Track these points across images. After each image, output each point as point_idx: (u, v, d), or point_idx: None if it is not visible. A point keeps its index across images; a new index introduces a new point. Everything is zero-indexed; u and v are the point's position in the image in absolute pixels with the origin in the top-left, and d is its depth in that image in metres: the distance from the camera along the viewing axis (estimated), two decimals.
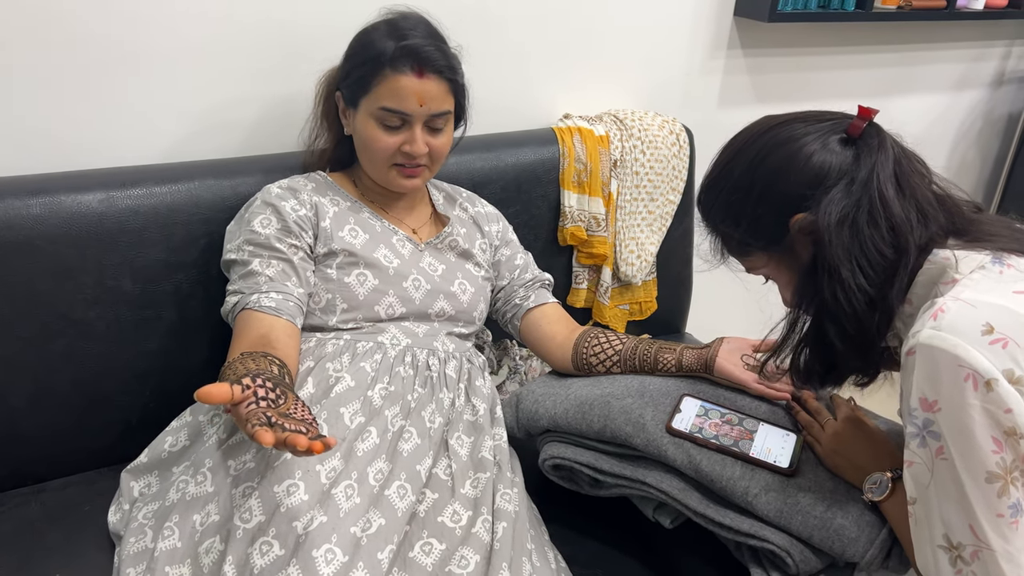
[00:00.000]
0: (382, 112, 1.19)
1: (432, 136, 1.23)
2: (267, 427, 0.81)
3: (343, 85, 1.25)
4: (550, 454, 1.22)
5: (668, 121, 1.75)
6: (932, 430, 0.84)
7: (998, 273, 0.88)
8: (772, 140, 0.97)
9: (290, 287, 1.17)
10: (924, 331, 0.83)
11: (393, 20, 1.22)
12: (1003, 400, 0.79)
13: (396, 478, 1.06)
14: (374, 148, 1.22)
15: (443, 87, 1.20)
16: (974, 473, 0.82)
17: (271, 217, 1.21)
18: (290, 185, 1.26)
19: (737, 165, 1.00)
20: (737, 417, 1.17)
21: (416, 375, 1.19)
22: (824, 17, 1.94)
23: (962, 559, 0.85)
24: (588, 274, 1.73)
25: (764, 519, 1.06)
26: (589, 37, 1.74)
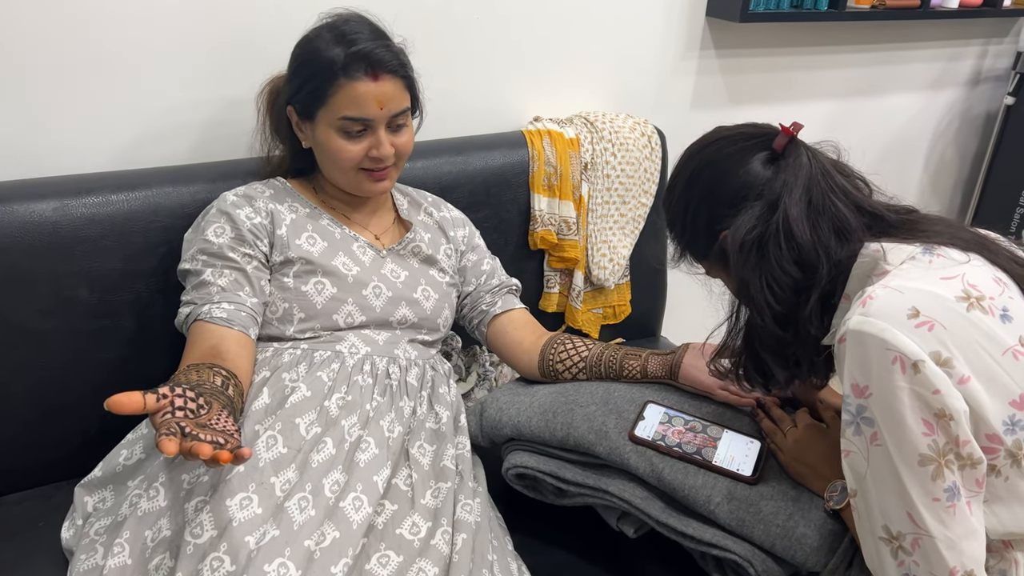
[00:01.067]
0: (343, 121, 1.17)
1: (395, 135, 1.22)
2: (173, 436, 0.79)
3: (295, 100, 1.22)
4: (513, 463, 1.20)
5: (639, 123, 1.74)
6: (865, 416, 0.85)
7: (927, 262, 0.90)
8: (703, 160, 1.02)
9: (243, 297, 1.15)
10: (853, 318, 0.85)
11: (334, 24, 1.20)
12: (931, 382, 0.81)
13: (352, 489, 1.04)
14: (341, 158, 1.20)
15: (398, 85, 1.19)
16: (907, 457, 0.82)
17: (225, 226, 1.18)
18: (246, 192, 1.24)
19: (679, 182, 1.05)
20: (701, 424, 1.15)
21: (375, 384, 1.17)
22: (796, 17, 1.93)
23: (903, 549, 0.85)
24: (560, 278, 1.72)
25: (726, 528, 1.04)
26: (559, 39, 1.73)
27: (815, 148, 1.02)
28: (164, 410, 0.85)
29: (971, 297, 0.85)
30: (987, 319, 0.84)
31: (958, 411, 0.81)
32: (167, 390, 0.87)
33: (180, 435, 0.81)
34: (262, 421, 1.07)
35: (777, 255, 0.94)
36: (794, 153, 0.98)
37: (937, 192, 2.72)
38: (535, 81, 1.74)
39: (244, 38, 1.42)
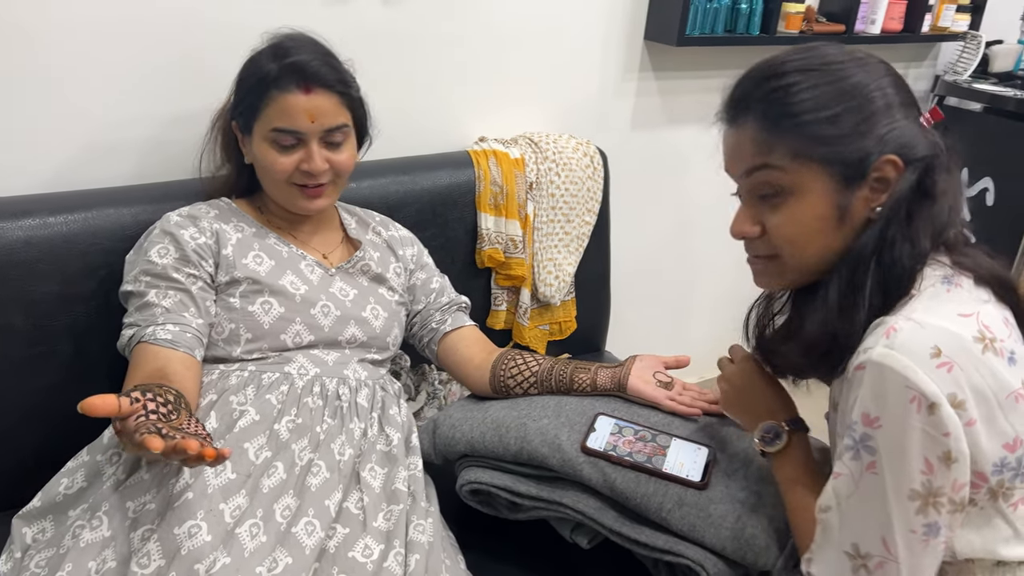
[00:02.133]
0: (274, 133, 1.17)
1: (332, 152, 1.21)
2: (156, 434, 0.79)
3: (236, 114, 1.23)
4: (468, 479, 1.20)
5: (582, 144, 1.77)
6: (868, 445, 0.84)
7: (945, 292, 0.89)
8: (889, 70, 0.93)
9: (188, 318, 1.13)
10: (877, 348, 0.83)
11: (277, 42, 1.21)
12: (944, 424, 0.81)
13: (304, 514, 1.03)
14: (272, 170, 1.19)
15: (333, 100, 1.19)
16: (900, 489, 0.83)
17: (169, 246, 1.17)
18: (190, 213, 1.23)
19: (853, 68, 0.91)
20: (650, 434, 1.18)
21: (325, 405, 1.16)
22: (730, 41, 2.00)
23: (866, 568, 0.87)
24: (507, 296, 1.73)
25: (678, 534, 1.06)
26: (503, 60, 1.76)
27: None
28: (137, 413, 0.84)
29: (986, 339, 0.85)
30: (997, 362, 0.85)
31: (964, 455, 0.82)
32: (139, 394, 0.86)
33: (159, 435, 0.79)
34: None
35: (925, 230, 0.89)
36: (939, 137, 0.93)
37: None
38: (480, 102, 1.76)
39: (188, 56, 1.40)
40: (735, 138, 0.95)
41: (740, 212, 0.98)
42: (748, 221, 0.97)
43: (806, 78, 0.90)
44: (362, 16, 1.54)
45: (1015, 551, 0.89)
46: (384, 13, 1.56)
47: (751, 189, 0.95)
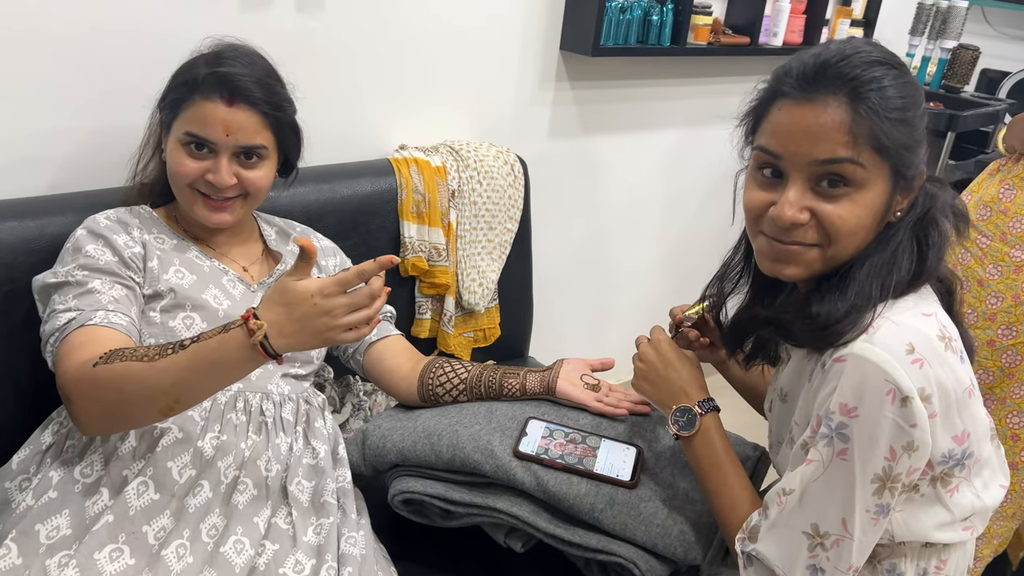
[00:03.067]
0: (186, 136, 1.14)
1: (245, 169, 1.17)
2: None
3: (161, 107, 1.19)
4: (400, 489, 1.20)
5: (503, 152, 1.79)
6: (843, 432, 0.88)
7: (912, 292, 0.94)
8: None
9: (133, 314, 1.08)
10: (858, 343, 0.88)
11: (219, 49, 1.18)
12: (913, 415, 0.86)
13: (232, 533, 1.00)
14: (176, 172, 1.15)
15: (256, 120, 1.15)
16: (866, 474, 0.88)
17: (104, 248, 1.12)
18: (119, 218, 1.18)
19: (908, 78, 0.91)
20: (580, 436, 1.20)
21: (249, 421, 1.13)
22: (643, 52, 2.05)
23: (822, 546, 0.91)
24: (431, 304, 1.73)
25: (611, 533, 1.08)
26: (422, 68, 1.75)
27: None
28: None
29: (945, 337, 0.91)
30: (953, 359, 0.91)
31: (926, 444, 0.88)
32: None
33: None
34: (130, 466, 1.01)
35: (938, 241, 0.94)
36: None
37: None
38: (400, 109, 1.75)
39: (101, 68, 1.36)
40: (815, 117, 0.87)
41: (790, 196, 0.90)
42: (800, 208, 0.90)
43: (895, 75, 0.89)
44: (280, 24, 1.51)
45: (947, 535, 0.96)
46: (301, 21, 1.54)
47: (820, 176, 0.89)
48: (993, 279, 1.68)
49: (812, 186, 0.90)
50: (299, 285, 0.90)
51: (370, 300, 0.91)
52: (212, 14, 1.43)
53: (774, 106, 0.92)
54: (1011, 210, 1.69)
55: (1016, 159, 1.73)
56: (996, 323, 1.67)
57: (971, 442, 0.93)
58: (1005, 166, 1.76)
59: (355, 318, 0.91)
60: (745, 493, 1.03)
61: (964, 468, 0.94)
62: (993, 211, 1.72)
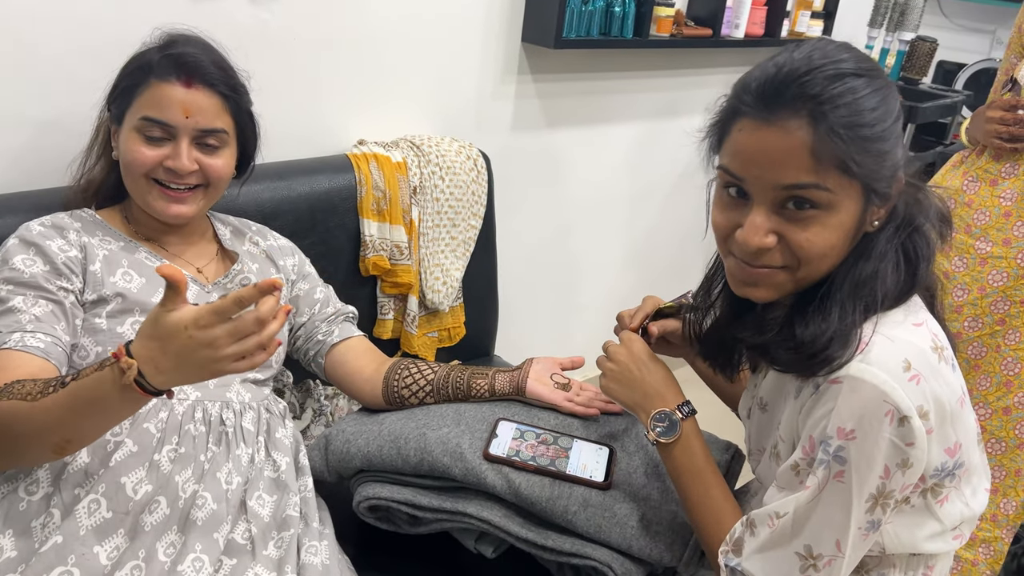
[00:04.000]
0: (143, 122, 1.08)
1: (206, 156, 1.12)
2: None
3: (111, 101, 1.14)
4: (365, 495, 1.15)
5: (465, 147, 1.75)
6: (840, 455, 0.85)
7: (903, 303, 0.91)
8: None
9: (59, 332, 1.02)
10: (854, 364, 0.84)
11: (168, 37, 1.13)
12: (911, 434, 0.83)
13: (191, 550, 0.95)
14: (132, 160, 1.09)
15: (215, 102, 1.11)
16: (862, 494, 0.85)
17: (35, 257, 1.05)
18: (54, 223, 1.11)
19: (879, 84, 0.85)
20: (552, 436, 1.17)
21: (209, 432, 1.08)
22: (605, 44, 2.03)
23: (815, 567, 0.88)
24: (394, 304, 1.68)
25: (584, 535, 1.06)
26: (380, 61, 1.71)
27: None
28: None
29: (938, 347, 0.88)
30: (946, 369, 0.88)
31: (920, 462, 0.85)
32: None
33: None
34: (82, 484, 0.95)
35: (926, 251, 0.91)
36: None
37: None
38: (358, 104, 1.70)
39: (43, 60, 1.29)
40: (776, 141, 0.82)
41: (756, 221, 0.86)
42: (766, 232, 0.86)
43: (865, 84, 0.82)
44: (231, 15, 1.45)
45: (936, 544, 0.95)
46: (253, 12, 1.49)
47: (785, 200, 0.85)
48: (959, 271, 1.69)
49: (777, 209, 0.86)
50: (171, 317, 0.80)
51: (258, 326, 0.80)
52: (162, 5, 1.36)
53: (734, 125, 0.87)
54: (975, 202, 1.70)
55: (979, 151, 1.74)
56: (963, 315, 1.68)
57: (962, 452, 0.91)
58: (968, 158, 1.77)
59: (242, 347, 0.81)
60: (728, 504, 0.99)
61: (955, 478, 0.92)
62: (957, 203, 1.73)
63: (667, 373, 1.08)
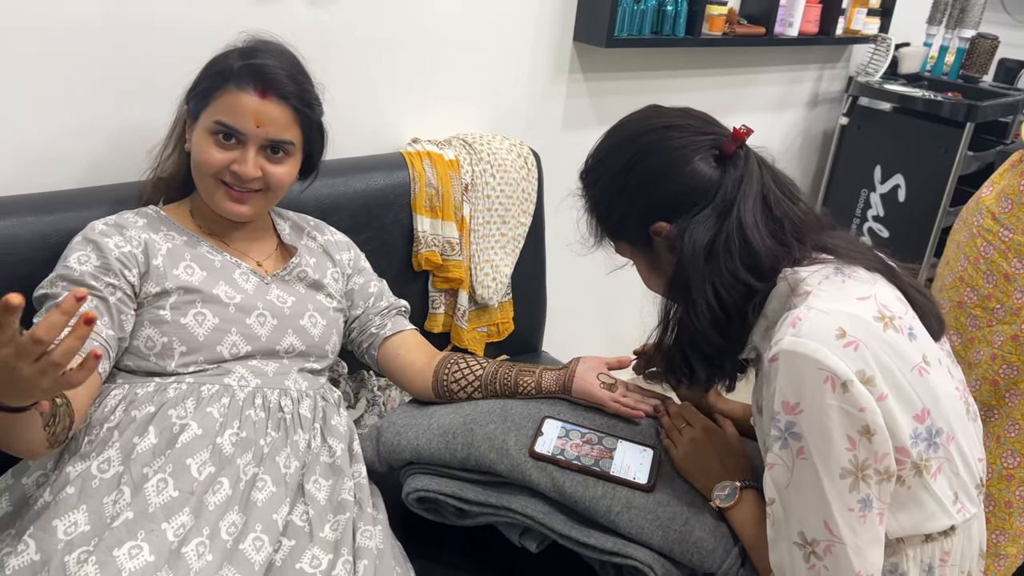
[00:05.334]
0: (216, 125, 1.14)
1: (270, 163, 1.18)
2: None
3: (189, 98, 1.20)
4: (414, 487, 1.20)
5: (516, 144, 1.78)
6: (794, 431, 0.89)
7: (840, 283, 0.95)
8: (650, 144, 1.01)
9: (100, 327, 1.08)
10: (786, 339, 0.89)
11: (252, 44, 1.19)
12: (857, 400, 0.86)
13: (251, 530, 1.00)
14: (202, 161, 1.16)
15: (287, 114, 1.16)
16: (830, 470, 0.87)
17: (91, 254, 1.12)
18: (117, 221, 1.18)
19: (614, 160, 1.03)
20: (597, 436, 1.19)
21: (268, 418, 1.13)
22: (657, 43, 2.03)
23: (815, 555, 0.90)
24: (445, 298, 1.72)
25: (627, 536, 1.08)
26: (435, 61, 1.74)
27: (759, 154, 1.03)
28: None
29: (885, 317, 0.91)
30: (898, 337, 0.91)
31: (880, 427, 0.87)
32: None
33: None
34: (150, 463, 1.01)
35: (729, 263, 0.95)
36: (743, 158, 0.99)
37: None
38: (412, 103, 1.74)
39: (117, 65, 1.35)
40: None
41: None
42: None
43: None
44: (292, 16, 1.50)
45: (941, 521, 0.95)
46: (313, 14, 1.53)
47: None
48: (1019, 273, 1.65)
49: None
50: None
51: (36, 345, 0.72)
52: (225, 7, 1.42)
53: None
54: None
55: None
56: (1021, 317, 1.65)
57: (934, 418, 0.92)
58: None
59: (39, 368, 0.74)
60: None
61: (938, 448, 0.93)
62: (1015, 204, 1.69)
63: (728, 452, 1.13)
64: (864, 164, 2.76)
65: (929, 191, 2.60)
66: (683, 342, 1.01)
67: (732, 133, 1.00)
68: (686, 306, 0.98)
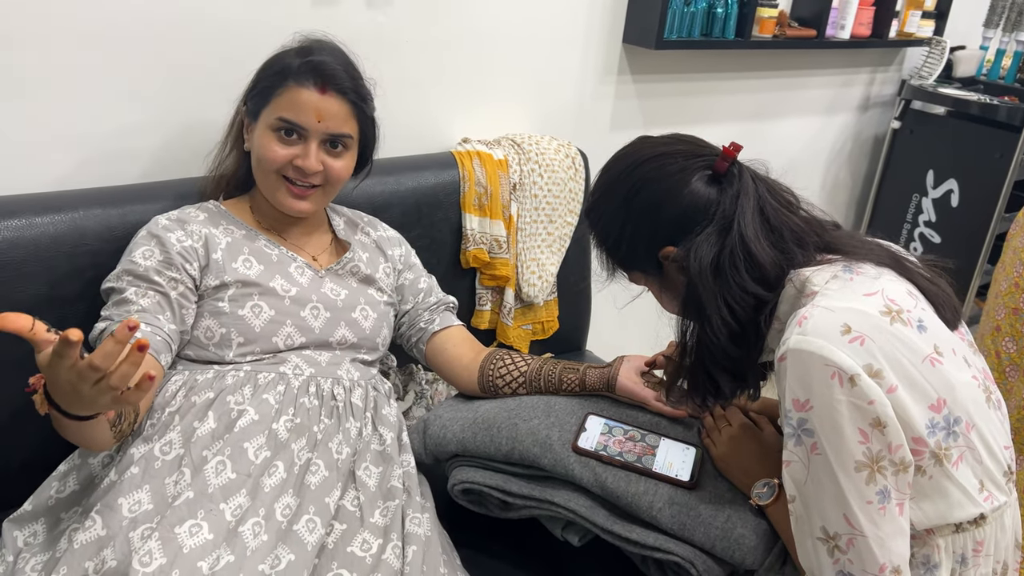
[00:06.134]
0: (279, 122, 1.18)
1: (329, 157, 1.22)
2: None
3: (248, 98, 1.24)
4: (459, 479, 1.22)
5: (564, 145, 1.80)
6: (806, 428, 0.91)
7: (848, 280, 0.97)
8: (645, 174, 1.04)
9: (162, 321, 1.13)
10: (792, 337, 0.91)
11: (307, 44, 1.23)
12: (866, 393, 0.87)
13: (305, 512, 1.04)
14: (265, 157, 1.20)
15: (345, 108, 1.20)
16: (844, 464, 0.89)
17: (154, 249, 1.17)
18: (179, 216, 1.23)
19: (614, 194, 1.07)
20: (639, 433, 1.21)
21: (321, 405, 1.17)
22: (707, 45, 2.03)
23: (839, 548, 0.92)
24: (491, 296, 1.75)
25: (668, 532, 1.09)
26: (485, 62, 1.77)
27: (752, 167, 1.06)
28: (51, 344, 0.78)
29: (892, 311, 0.92)
30: (907, 330, 0.92)
31: (891, 419, 0.88)
32: (56, 331, 0.80)
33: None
34: (210, 446, 1.06)
35: (737, 277, 0.98)
36: (737, 174, 1.02)
37: (834, 209, 2.90)
38: (463, 103, 1.77)
39: (178, 63, 1.40)
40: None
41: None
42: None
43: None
44: (349, 18, 1.54)
45: (968, 510, 0.95)
46: (370, 16, 1.57)
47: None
48: None
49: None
50: (39, 358, 0.80)
51: (92, 371, 0.77)
52: (284, 8, 1.46)
53: None
54: None
55: None
56: None
57: (951, 407, 0.93)
58: None
59: (98, 389, 0.79)
60: None
61: (958, 436, 0.93)
62: None
63: (766, 450, 1.14)
64: (916, 169, 2.72)
65: (983, 196, 2.55)
66: (704, 360, 1.03)
67: (722, 151, 1.03)
68: (702, 324, 1.01)
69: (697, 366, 1.04)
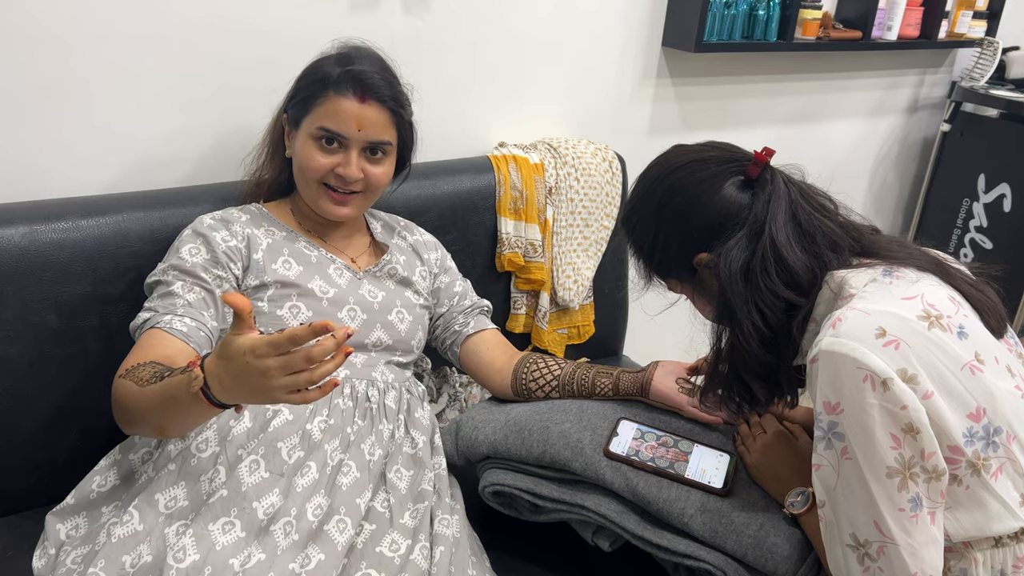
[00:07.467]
0: (320, 131, 1.20)
1: (370, 164, 1.23)
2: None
3: (288, 106, 1.26)
4: (490, 481, 1.22)
5: (601, 149, 1.79)
6: (837, 431, 0.89)
7: (888, 284, 0.95)
8: (677, 181, 1.04)
9: (206, 317, 1.15)
10: (825, 339, 0.89)
11: (345, 51, 1.25)
12: (899, 398, 0.86)
13: (336, 512, 1.05)
14: (308, 167, 1.22)
15: (385, 116, 1.22)
16: (875, 470, 0.87)
17: (200, 247, 1.19)
18: (223, 216, 1.25)
19: (647, 203, 1.08)
20: (672, 439, 1.19)
21: (355, 407, 1.18)
22: (748, 48, 2.01)
23: (869, 556, 0.89)
24: (526, 299, 1.75)
25: (700, 539, 1.08)
26: (522, 66, 1.77)
27: (786, 172, 1.06)
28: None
29: (931, 316, 0.90)
30: (946, 336, 0.90)
31: (924, 425, 0.86)
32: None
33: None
34: (245, 445, 1.07)
35: (768, 281, 0.97)
36: (769, 179, 1.02)
37: (880, 214, 2.83)
38: (499, 108, 1.78)
39: (220, 69, 1.43)
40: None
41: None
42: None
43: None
44: (386, 23, 1.56)
45: (1007, 524, 0.92)
46: (407, 21, 1.58)
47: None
48: None
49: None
50: (235, 341, 0.84)
51: (306, 363, 0.81)
52: (323, 14, 1.48)
53: None
54: None
55: None
56: None
57: (991, 417, 0.90)
58: None
59: (293, 381, 0.83)
60: None
61: (998, 447, 0.90)
62: None
63: (800, 458, 1.12)
64: (967, 172, 2.65)
65: None
66: (737, 366, 1.02)
67: (754, 156, 1.02)
68: (734, 329, 1.00)
69: (731, 372, 1.03)
